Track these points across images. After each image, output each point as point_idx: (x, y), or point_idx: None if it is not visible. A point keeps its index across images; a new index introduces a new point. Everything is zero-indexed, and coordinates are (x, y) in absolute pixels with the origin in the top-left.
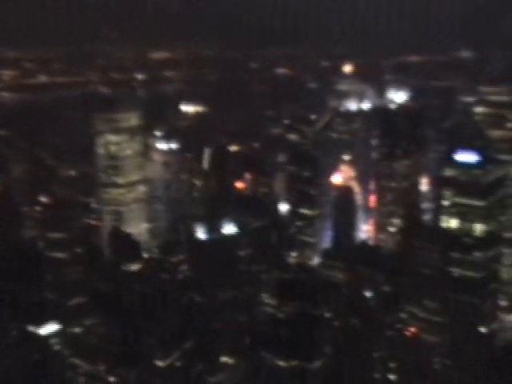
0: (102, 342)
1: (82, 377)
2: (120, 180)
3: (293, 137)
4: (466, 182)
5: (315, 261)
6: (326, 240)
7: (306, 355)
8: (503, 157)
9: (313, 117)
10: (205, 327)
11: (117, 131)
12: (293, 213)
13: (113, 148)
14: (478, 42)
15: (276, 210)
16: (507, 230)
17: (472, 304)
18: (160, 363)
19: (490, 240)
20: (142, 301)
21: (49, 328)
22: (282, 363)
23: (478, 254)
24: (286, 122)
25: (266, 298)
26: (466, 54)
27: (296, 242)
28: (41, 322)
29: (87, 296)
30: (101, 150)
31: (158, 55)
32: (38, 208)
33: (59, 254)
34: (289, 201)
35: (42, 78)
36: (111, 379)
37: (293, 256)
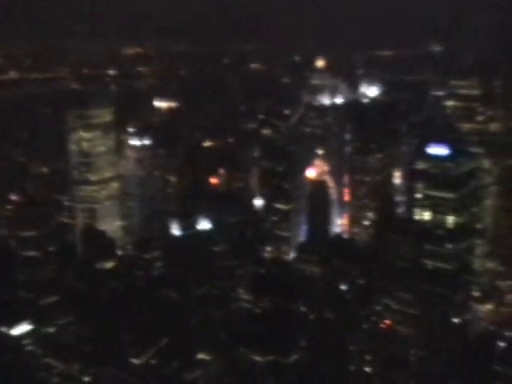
0: (76, 341)
1: (55, 377)
2: (93, 177)
3: (267, 132)
4: (438, 175)
5: (290, 255)
6: (301, 234)
7: (282, 349)
8: (474, 149)
9: (286, 111)
10: (180, 324)
11: (89, 128)
12: (268, 208)
13: (85, 145)
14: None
15: (251, 205)
16: (479, 222)
17: (445, 295)
18: (135, 361)
19: (462, 232)
20: (116, 298)
21: (21, 328)
22: (258, 358)
23: (450, 246)
24: (260, 117)
25: (242, 294)
26: (436, 48)
27: (271, 237)
28: (13, 322)
29: (60, 295)
30: (73, 147)
31: (130, 51)
32: (9, 206)
33: (32, 253)
34: (263, 196)
35: (13, 75)
36: (86, 379)
37: (268, 251)
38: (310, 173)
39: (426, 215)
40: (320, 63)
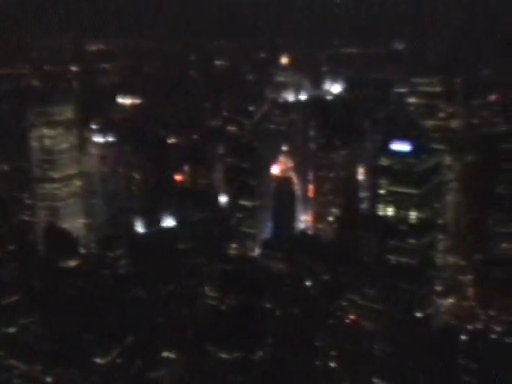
0: (38, 341)
1: (17, 378)
2: (55, 174)
3: (232, 128)
4: (401, 171)
5: (256, 252)
6: (266, 231)
7: (248, 346)
8: (436, 146)
9: (251, 108)
10: (145, 322)
11: (51, 125)
12: (233, 204)
13: (47, 142)
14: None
15: (216, 202)
16: (440, 217)
17: (408, 290)
18: (100, 360)
19: (425, 227)
20: (80, 297)
21: None
22: (225, 355)
23: (413, 241)
24: (225, 113)
25: (208, 291)
26: (399, 46)
27: (237, 234)
28: None
29: (22, 294)
30: (35, 144)
31: (94, 47)
32: None
33: None
34: (228, 192)
35: None
36: (48, 379)
37: (234, 247)
38: (275, 169)
39: (390, 211)
40: (284, 60)
